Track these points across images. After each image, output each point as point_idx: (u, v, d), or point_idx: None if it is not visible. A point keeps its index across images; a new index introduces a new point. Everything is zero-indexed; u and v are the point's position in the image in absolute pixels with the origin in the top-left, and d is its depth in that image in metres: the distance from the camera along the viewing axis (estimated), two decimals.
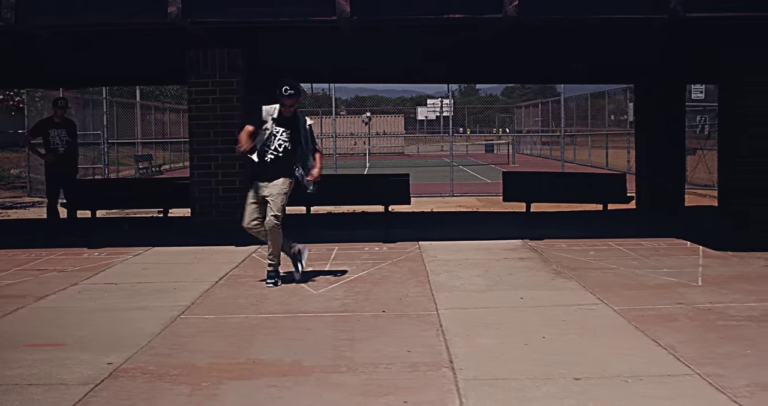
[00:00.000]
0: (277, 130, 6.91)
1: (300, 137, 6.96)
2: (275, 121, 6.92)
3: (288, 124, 6.94)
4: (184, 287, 6.99)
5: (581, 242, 9.40)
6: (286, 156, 6.93)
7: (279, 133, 6.92)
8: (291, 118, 6.95)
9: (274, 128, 6.91)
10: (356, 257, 8.51)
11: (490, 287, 6.80)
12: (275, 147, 6.93)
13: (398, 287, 6.88)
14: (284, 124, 6.93)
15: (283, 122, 6.93)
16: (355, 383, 4.22)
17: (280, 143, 6.92)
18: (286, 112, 6.91)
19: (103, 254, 9.04)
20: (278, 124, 6.92)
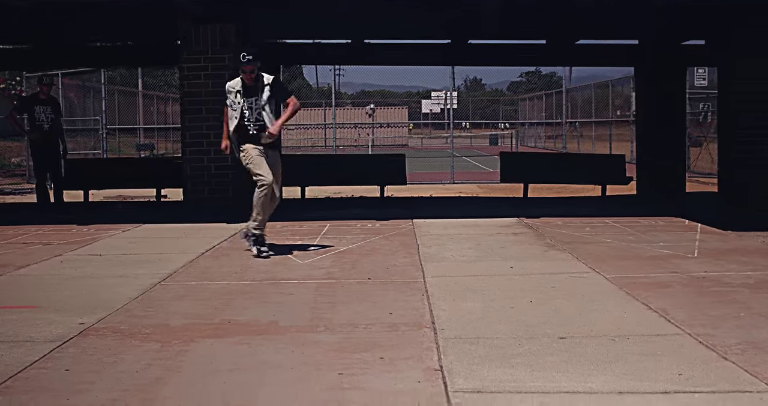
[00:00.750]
0: (248, 100, 6.83)
1: (269, 99, 6.84)
2: (242, 93, 6.84)
3: (254, 91, 6.84)
4: (170, 258, 6.85)
5: (577, 220, 9.23)
6: (267, 121, 6.83)
7: (252, 103, 6.83)
8: (255, 85, 6.83)
9: (244, 100, 6.83)
10: (347, 233, 8.36)
11: (480, 258, 6.65)
12: (255, 117, 6.83)
13: (387, 258, 6.73)
14: (252, 93, 6.84)
15: (250, 91, 6.83)
16: (331, 341, 4.07)
17: (258, 112, 6.83)
18: (248, 79, 6.79)
19: (92, 230, 8.91)
20: (246, 95, 6.83)
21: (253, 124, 6.83)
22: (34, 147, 10.38)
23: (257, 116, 6.83)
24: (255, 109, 6.82)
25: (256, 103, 6.83)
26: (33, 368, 3.67)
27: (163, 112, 35.19)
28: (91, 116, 23.02)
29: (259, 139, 6.83)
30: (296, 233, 8.38)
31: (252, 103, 6.83)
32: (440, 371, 3.54)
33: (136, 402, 3.20)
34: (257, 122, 6.82)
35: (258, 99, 6.84)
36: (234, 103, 6.85)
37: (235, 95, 6.86)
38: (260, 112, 6.83)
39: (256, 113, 6.82)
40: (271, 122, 6.83)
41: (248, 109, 6.82)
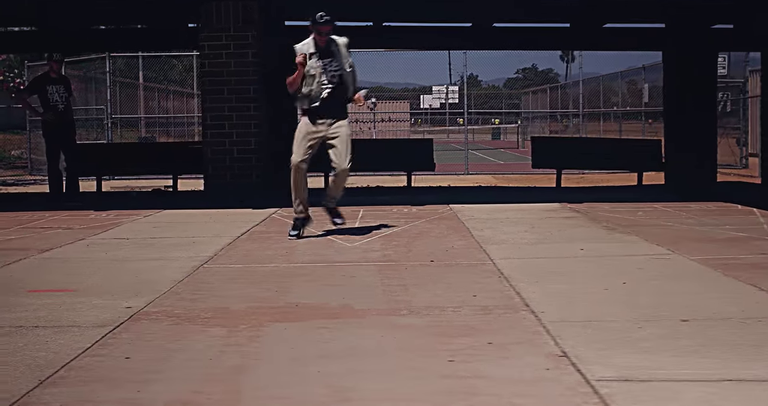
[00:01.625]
0: (323, 63, 6.29)
1: (343, 62, 6.34)
2: (315, 56, 6.31)
3: (328, 52, 6.32)
4: (203, 241, 6.33)
5: (624, 205, 8.73)
6: (341, 85, 6.35)
7: (326, 65, 6.30)
8: (327, 47, 6.32)
9: (318, 63, 6.29)
10: (385, 217, 7.85)
11: (541, 241, 6.14)
12: (328, 79, 6.32)
13: (440, 241, 6.22)
14: (325, 55, 6.32)
15: (323, 52, 6.31)
16: (421, 325, 3.56)
17: (332, 75, 6.32)
18: (322, 41, 6.28)
19: (110, 215, 8.37)
20: (319, 57, 6.30)
21: (326, 88, 6.32)
22: (47, 129, 9.82)
23: (330, 78, 6.31)
24: (329, 71, 6.30)
25: (331, 65, 6.30)
26: (86, 355, 3.14)
27: (164, 106, 34.59)
28: (93, 107, 22.43)
29: (328, 107, 6.34)
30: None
31: (328, 64, 6.30)
32: (565, 356, 3.04)
33: (219, 394, 2.69)
34: (330, 85, 6.31)
35: (333, 61, 6.32)
36: (311, 68, 6.30)
37: (309, 59, 6.32)
38: (333, 74, 6.31)
39: (329, 76, 6.30)
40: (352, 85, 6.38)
41: (323, 71, 6.29)
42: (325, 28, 6.23)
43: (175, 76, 42.62)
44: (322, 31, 6.24)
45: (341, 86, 6.35)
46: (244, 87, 9.62)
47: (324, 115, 6.36)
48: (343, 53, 6.34)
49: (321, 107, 6.35)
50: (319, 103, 6.35)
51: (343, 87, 6.36)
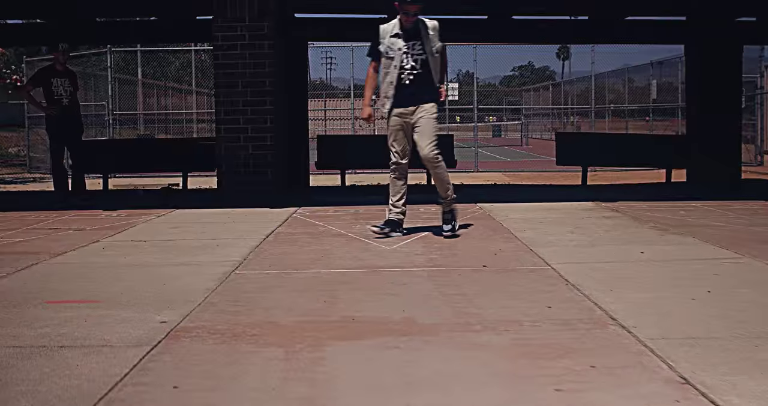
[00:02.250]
0: (405, 45, 5.87)
1: (429, 47, 5.88)
2: (399, 37, 5.89)
3: (414, 35, 5.88)
4: (228, 243, 5.88)
5: (662, 204, 8.31)
6: (426, 71, 5.90)
7: (409, 48, 5.87)
8: (414, 28, 5.88)
9: (400, 45, 5.87)
10: (416, 217, 7.40)
11: (593, 243, 5.70)
12: (411, 65, 5.88)
13: (484, 243, 5.78)
14: (410, 37, 5.88)
15: (408, 35, 5.88)
16: (503, 344, 3.12)
17: (415, 59, 5.88)
18: (408, 22, 5.85)
19: (121, 215, 7.92)
20: (404, 39, 5.87)
21: (408, 73, 5.90)
22: (51, 124, 9.32)
23: (413, 64, 5.88)
24: (413, 55, 5.87)
25: (415, 47, 5.87)
26: (126, 383, 2.69)
27: (163, 103, 34.04)
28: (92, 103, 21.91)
29: (410, 94, 5.92)
30: (358, 217, 7.42)
31: (411, 47, 5.87)
32: (688, 384, 2.60)
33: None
34: (412, 70, 5.89)
35: (418, 44, 5.87)
36: (390, 50, 5.88)
37: (391, 39, 5.90)
38: (419, 58, 5.87)
39: (412, 60, 5.87)
40: (435, 72, 5.94)
41: (405, 55, 5.87)
42: (412, 8, 5.77)
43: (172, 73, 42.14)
44: (409, 11, 5.79)
45: (425, 72, 5.90)
46: (260, 80, 9.17)
47: (405, 102, 5.95)
48: (430, 37, 5.87)
49: (402, 94, 5.94)
50: (400, 89, 5.93)
51: (427, 73, 5.91)
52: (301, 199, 9.06)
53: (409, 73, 5.90)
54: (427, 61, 5.88)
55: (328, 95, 45.16)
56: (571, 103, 35.66)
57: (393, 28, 5.95)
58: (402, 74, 5.91)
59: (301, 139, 12.04)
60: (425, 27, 5.90)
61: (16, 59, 28.83)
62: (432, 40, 5.88)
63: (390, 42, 5.92)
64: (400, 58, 5.87)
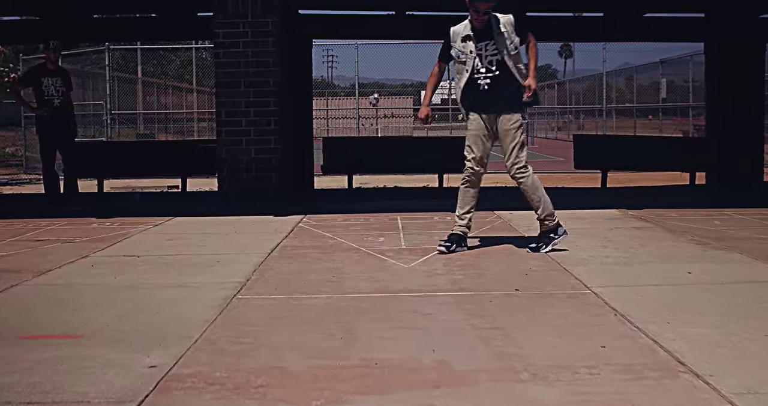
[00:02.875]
0: (477, 47, 5.33)
1: (504, 45, 5.31)
2: (470, 39, 5.35)
3: (486, 34, 5.33)
4: (229, 259, 5.36)
5: (691, 212, 7.78)
6: (504, 72, 5.36)
7: (481, 50, 5.33)
8: (485, 27, 5.32)
9: (472, 47, 5.33)
10: (430, 227, 6.88)
11: (630, 260, 5.18)
12: (486, 67, 5.35)
13: (511, 259, 5.26)
14: (482, 37, 5.33)
15: (480, 35, 5.33)
16: (562, 400, 2.60)
17: (489, 61, 5.34)
18: (478, 21, 5.29)
19: (115, 224, 7.41)
20: (475, 40, 5.33)
21: (483, 77, 5.37)
22: (41, 126, 8.80)
23: (487, 66, 5.35)
24: (486, 56, 5.34)
25: (488, 48, 5.33)
26: None
27: (163, 102, 33.49)
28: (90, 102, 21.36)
29: (489, 99, 5.40)
30: (368, 228, 6.90)
31: (482, 49, 5.33)
32: None
33: None
34: (488, 74, 5.36)
35: (491, 43, 5.33)
36: (462, 53, 5.38)
37: (462, 42, 5.38)
38: (494, 59, 5.34)
39: (486, 62, 5.34)
40: (518, 72, 5.37)
41: (477, 58, 5.35)
42: (482, 5, 5.20)
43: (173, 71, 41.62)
44: (479, 9, 5.22)
45: (503, 73, 5.35)
46: (263, 79, 8.66)
47: (485, 108, 5.44)
48: (504, 33, 5.31)
49: (480, 99, 5.43)
50: (475, 95, 5.43)
51: (506, 75, 5.36)
52: (306, 206, 8.55)
53: (485, 77, 5.37)
54: (504, 62, 5.33)
55: (330, 94, 44.71)
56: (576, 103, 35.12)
57: (464, 29, 5.40)
58: (478, 79, 5.39)
59: (306, 139, 11.52)
60: (497, 23, 5.33)
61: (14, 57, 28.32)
62: (506, 36, 5.30)
63: (461, 45, 5.39)
64: (472, 62, 5.36)
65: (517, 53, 5.36)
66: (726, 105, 11.57)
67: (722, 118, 11.69)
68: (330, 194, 10.46)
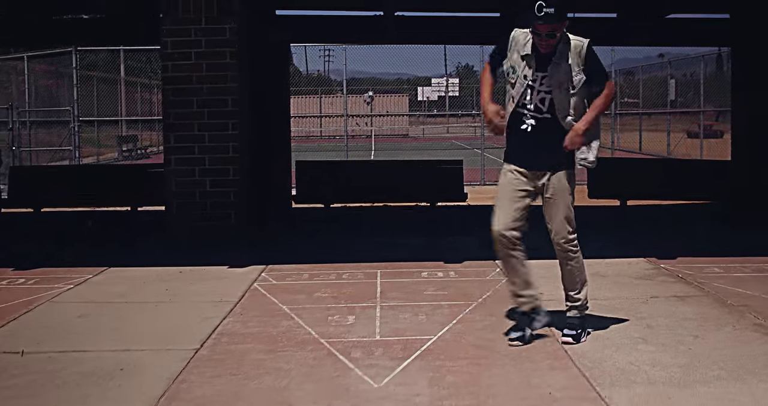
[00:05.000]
0: (533, 76, 4.01)
1: (558, 79, 3.99)
2: (528, 60, 4.02)
3: (548, 61, 4.00)
4: (138, 364, 3.93)
5: (735, 263, 6.41)
6: (555, 118, 4.04)
7: (536, 81, 4.00)
8: (552, 53, 3.98)
9: (527, 72, 4.01)
10: (416, 293, 5.46)
11: (688, 373, 3.73)
12: (535, 104, 4.02)
13: (522, 369, 3.82)
14: (543, 66, 4.00)
15: (541, 62, 4.00)
16: None
17: (541, 98, 4.01)
18: (545, 47, 3.94)
19: (31, 280, 6.02)
20: (534, 66, 4.01)
21: (529, 116, 4.04)
22: None
23: (538, 104, 4.03)
24: (538, 91, 4.02)
25: (542, 82, 4.02)
26: None
27: (148, 100, 32.00)
28: (64, 106, 19.88)
29: (525, 145, 4.06)
30: (338, 294, 5.47)
31: (536, 81, 4.01)
32: None
33: None
34: (535, 113, 4.04)
35: (548, 77, 4.00)
36: (513, 71, 4.10)
37: (518, 59, 4.07)
38: (543, 97, 4.01)
39: (537, 98, 4.02)
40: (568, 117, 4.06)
41: (529, 89, 4.04)
42: (543, 28, 3.86)
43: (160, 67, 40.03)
44: (541, 32, 3.89)
45: (554, 117, 4.05)
46: (221, 98, 7.27)
47: (526, 161, 4.10)
48: (564, 65, 3.99)
49: (520, 149, 4.12)
50: (519, 139, 4.10)
51: (557, 119, 4.06)
52: (272, 248, 7.16)
53: (532, 116, 4.03)
54: (555, 103, 4.01)
55: (324, 92, 43.24)
56: None
57: (527, 42, 4.04)
58: (524, 116, 4.04)
59: (283, 156, 10.10)
60: (566, 48, 3.99)
61: None
62: (567, 68, 3.98)
63: (515, 61, 4.05)
64: (520, 91, 4.03)
65: (574, 94, 4.02)
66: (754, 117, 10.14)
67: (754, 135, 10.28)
68: (305, 224, 9.00)
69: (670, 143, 23.45)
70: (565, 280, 4.30)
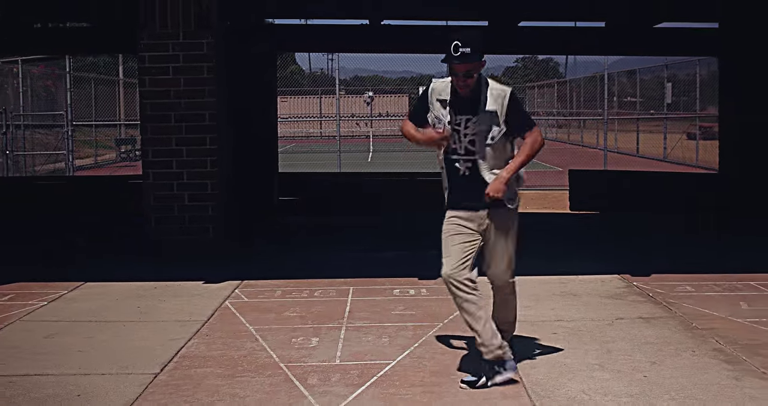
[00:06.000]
0: (457, 119, 3.99)
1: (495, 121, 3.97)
2: (450, 106, 3.99)
3: (470, 106, 3.97)
4: (95, 390, 3.97)
5: (708, 281, 6.43)
6: (489, 159, 4.02)
7: (461, 124, 3.98)
8: (473, 98, 3.96)
9: (451, 117, 3.99)
10: (383, 313, 5.49)
11: (638, 403, 3.76)
12: (465, 148, 4.00)
13: (474, 398, 3.85)
14: (464, 108, 3.97)
15: (462, 105, 3.97)
16: None
17: (470, 140, 3.98)
18: (463, 88, 3.91)
19: (6, 297, 6.06)
20: (457, 110, 3.97)
21: (462, 162, 4.03)
22: None
23: (467, 146, 4.01)
24: (465, 134, 3.99)
25: (467, 125, 3.99)
26: None
27: None
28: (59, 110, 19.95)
29: (462, 189, 4.03)
30: (307, 314, 5.50)
31: (460, 124, 3.99)
32: None
33: None
34: (466, 157, 4.02)
35: (473, 119, 3.98)
36: (439, 121, 4.05)
37: (441, 107, 4.04)
38: (474, 139, 4.00)
39: (466, 141, 3.99)
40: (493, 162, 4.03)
41: (456, 133, 4.03)
42: (460, 68, 3.85)
43: None
44: (458, 72, 3.87)
45: (488, 161, 4.03)
46: (198, 113, 7.33)
47: (465, 204, 4.04)
48: (489, 111, 3.95)
49: (459, 193, 4.07)
50: (454, 185, 4.08)
51: (493, 160, 4.04)
52: (250, 263, 7.20)
53: (465, 160, 4.01)
54: (484, 148, 3.99)
55: (324, 92, 43.20)
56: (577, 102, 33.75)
57: (445, 88, 4.02)
58: (456, 162, 4.03)
59: (266, 167, 10.14)
60: (487, 92, 3.97)
61: None
62: (491, 115, 3.95)
63: (437, 110, 4.02)
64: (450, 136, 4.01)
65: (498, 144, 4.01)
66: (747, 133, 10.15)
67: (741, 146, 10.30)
68: (287, 236, 9.04)
69: (667, 146, 23.47)
70: (499, 315, 4.26)
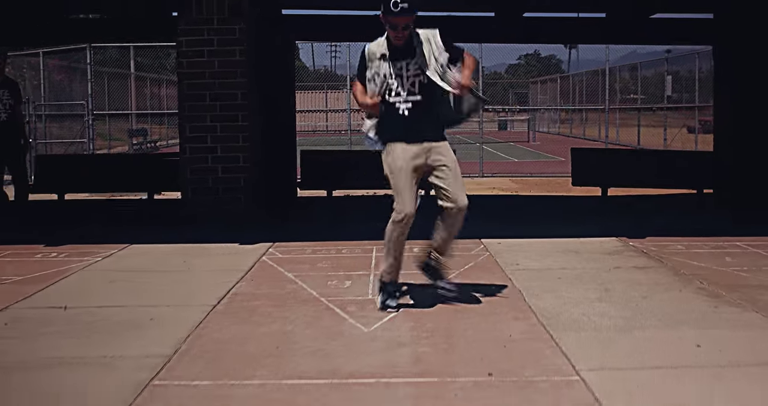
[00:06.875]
0: (398, 66, 4.58)
1: (427, 62, 4.56)
2: (390, 57, 4.58)
3: (407, 52, 4.57)
4: (165, 316, 4.65)
5: (698, 242, 7.07)
6: (428, 96, 4.61)
7: (402, 70, 4.58)
8: (407, 47, 4.57)
9: (391, 67, 4.58)
10: (405, 264, 6.15)
11: (630, 323, 4.43)
12: (407, 89, 4.59)
13: (489, 320, 4.52)
14: (401, 56, 4.57)
15: (400, 54, 4.57)
16: None
17: (412, 82, 4.58)
18: (399, 39, 4.53)
19: (62, 254, 6.71)
20: (396, 58, 4.57)
21: (404, 101, 4.61)
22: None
23: (410, 88, 4.60)
24: (407, 77, 4.59)
25: (410, 68, 4.58)
26: None
27: (157, 95, 32.75)
28: (78, 101, 20.64)
29: (414, 127, 4.60)
30: (338, 265, 6.17)
31: (402, 69, 4.58)
32: None
33: None
34: (409, 97, 4.60)
35: (412, 63, 4.58)
36: (377, 76, 4.63)
37: (379, 62, 4.62)
38: (416, 80, 4.59)
39: (408, 84, 4.59)
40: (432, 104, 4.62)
41: (397, 79, 4.61)
42: (400, 20, 4.43)
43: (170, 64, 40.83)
44: (397, 25, 4.46)
45: (429, 97, 4.61)
46: (231, 92, 7.96)
47: (408, 137, 4.61)
48: (427, 51, 4.55)
49: (400, 128, 4.63)
50: (395, 122, 4.64)
51: (432, 97, 4.62)
52: (279, 229, 7.84)
53: (405, 101, 4.60)
54: (428, 84, 4.58)
55: (329, 87, 43.84)
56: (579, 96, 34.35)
57: (381, 45, 4.63)
58: (397, 103, 4.62)
59: (288, 150, 10.81)
60: (418, 39, 4.59)
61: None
62: (431, 53, 4.56)
63: (377, 66, 4.62)
64: (386, 84, 4.60)
65: (444, 73, 4.57)
66: (740, 116, 10.77)
67: (735, 129, 10.92)
68: (309, 211, 9.72)
69: (667, 138, 24.10)
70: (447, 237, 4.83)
